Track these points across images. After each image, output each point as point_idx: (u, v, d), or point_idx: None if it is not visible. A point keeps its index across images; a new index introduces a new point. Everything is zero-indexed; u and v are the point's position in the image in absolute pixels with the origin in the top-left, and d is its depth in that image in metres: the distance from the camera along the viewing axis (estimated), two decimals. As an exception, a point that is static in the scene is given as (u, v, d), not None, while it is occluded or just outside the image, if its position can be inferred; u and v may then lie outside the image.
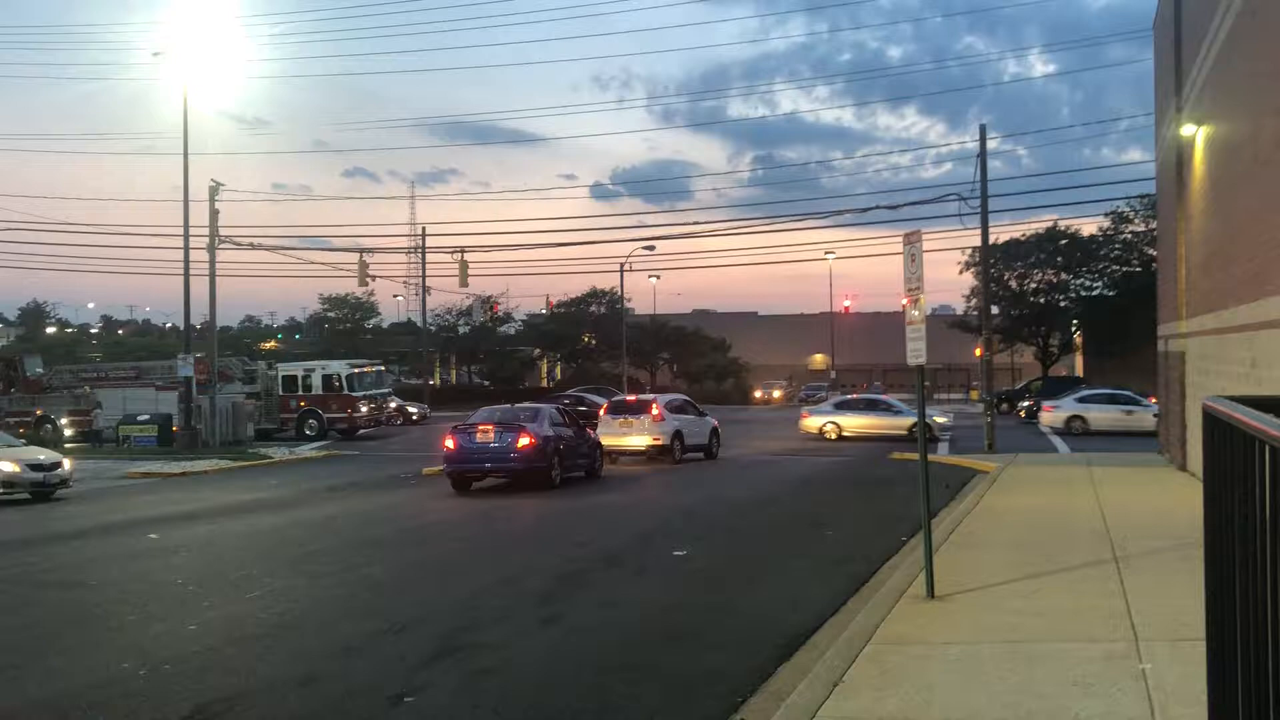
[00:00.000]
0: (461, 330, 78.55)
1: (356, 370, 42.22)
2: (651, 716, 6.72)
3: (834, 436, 35.11)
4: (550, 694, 7.23)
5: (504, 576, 11.84)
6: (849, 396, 41.58)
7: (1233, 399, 2.89)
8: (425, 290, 57.18)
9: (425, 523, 17.16)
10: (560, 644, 8.67)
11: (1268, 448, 2.32)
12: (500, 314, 77.02)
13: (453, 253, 46.82)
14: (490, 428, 21.52)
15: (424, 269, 55.38)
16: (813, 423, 36.22)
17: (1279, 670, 2.26)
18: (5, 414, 39.40)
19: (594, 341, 77.39)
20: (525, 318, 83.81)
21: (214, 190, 37.16)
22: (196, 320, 42.74)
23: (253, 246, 42.49)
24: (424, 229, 57.87)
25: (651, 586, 11.19)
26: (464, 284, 47.46)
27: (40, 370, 44.29)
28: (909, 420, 32.92)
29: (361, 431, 41.65)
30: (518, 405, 24.90)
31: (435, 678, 7.64)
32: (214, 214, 37.03)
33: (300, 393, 41.34)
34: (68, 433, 38.56)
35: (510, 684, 7.47)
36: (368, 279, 45.82)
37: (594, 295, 77.84)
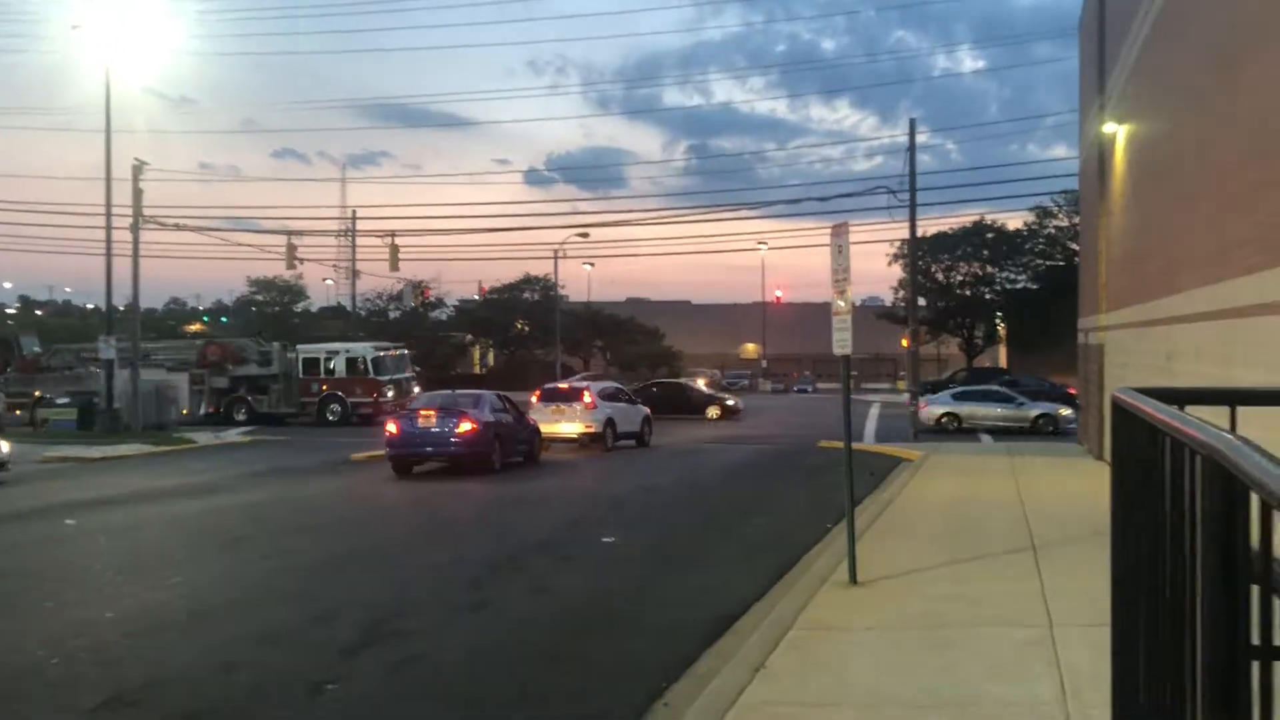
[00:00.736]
0: (392, 315, 77.54)
1: (382, 353, 40.76)
2: (577, 702, 6.75)
3: (953, 428, 33.33)
4: (477, 680, 7.22)
5: (434, 563, 11.78)
6: (968, 387, 38.81)
7: (1140, 390, 2.97)
8: (355, 274, 56.29)
9: (356, 508, 17.00)
10: (488, 631, 8.66)
11: (1168, 439, 2.40)
12: (432, 299, 76.26)
13: (383, 236, 46.29)
14: (432, 413, 21.77)
15: (354, 252, 54.56)
16: (931, 412, 34.00)
17: (1175, 654, 2.34)
18: (4, 394, 37.88)
19: (527, 328, 76.99)
20: (457, 303, 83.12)
21: (137, 169, 36.22)
22: (119, 302, 41.69)
23: (178, 227, 41.67)
24: (354, 212, 57.12)
25: (581, 573, 11.21)
26: (394, 268, 46.97)
27: (37, 349, 42.48)
28: (1033, 412, 32.67)
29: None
30: (459, 391, 24.91)
31: (360, 665, 7.58)
32: (138, 193, 36.10)
33: (322, 376, 39.74)
34: None
35: (436, 671, 7.44)
36: (296, 262, 45.07)
37: (527, 282, 77.41)
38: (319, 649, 8.00)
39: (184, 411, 39.06)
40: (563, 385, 29.47)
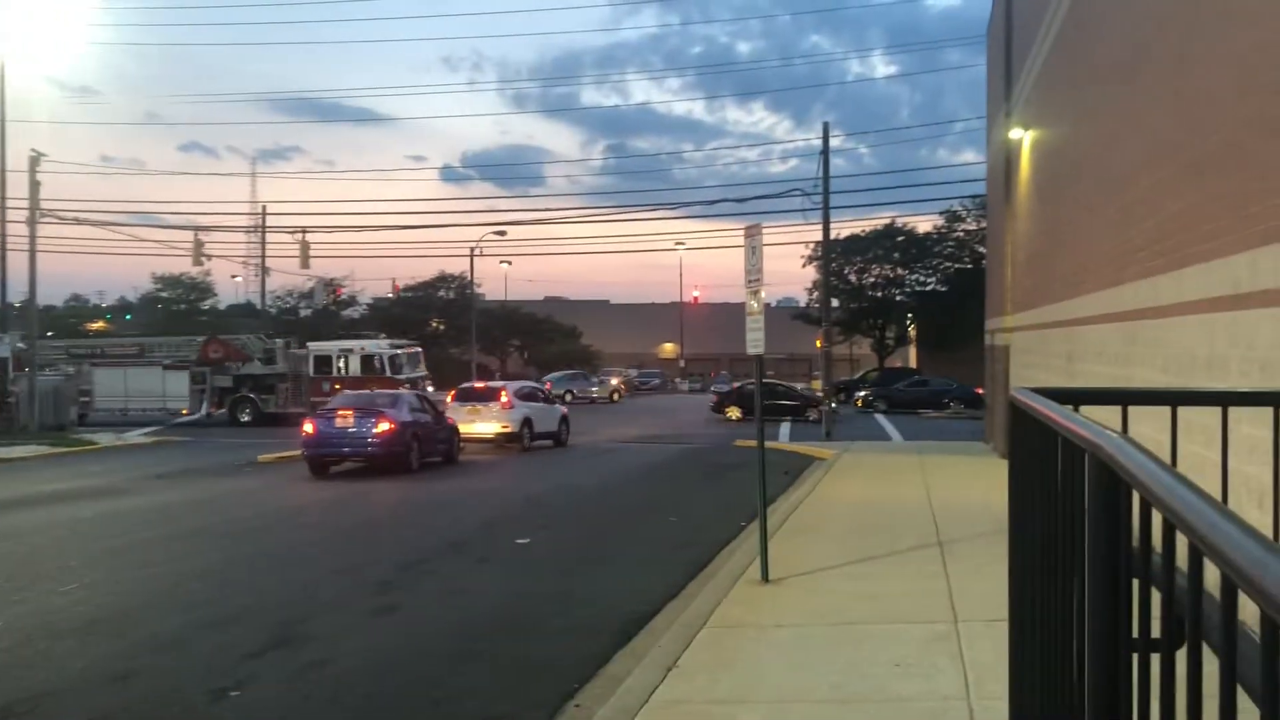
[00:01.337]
0: (303, 313, 76.17)
1: (398, 351, 39.23)
2: (487, 705, 6.69)
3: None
4: (385, 684, 7.11)
5: (343, 565, 11.58)
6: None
7: (1036, 391, 3.04)
8: (265, 271, 55.13)
9: (264, 510, 16.62)
10: (398, 634, 8.54)
11: (1060, 438, 2.45)
12: (344, 297, 75.12)
13: (295, 233, 45.47)
14: (350, 412, 21.70)
15: (264, 249, 53.38)
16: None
17: (1065, 646, 2.40)
18: None
19: (442, 327, 76.18)
20: (371, 302, 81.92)
21: (34, 160, 34.97)
22: (16, 298, 40.20)
23: (78, 221, 40.29)
24: (264, 208, 55.87)
25: (494, 574, 11.12)
26: (305, 265, 46.23)
27: (21, 346, 40.60)
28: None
29: None
30: (377, 391, 24.69)
31: (263, 670, 7.42)
32: (35, 185, 34.86)
33: (335, 374, 38.03)
34: None
35: (343, 675, 7.31)
36: (204, 258, 43.99)
37: (443, 280, 76.66)
38: (221, 654, 7.80)
39: (184, 411, 37.47)
40: (479, 385, 29.32)
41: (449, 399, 28.28)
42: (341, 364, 38.32)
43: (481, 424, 27.04)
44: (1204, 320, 7.93)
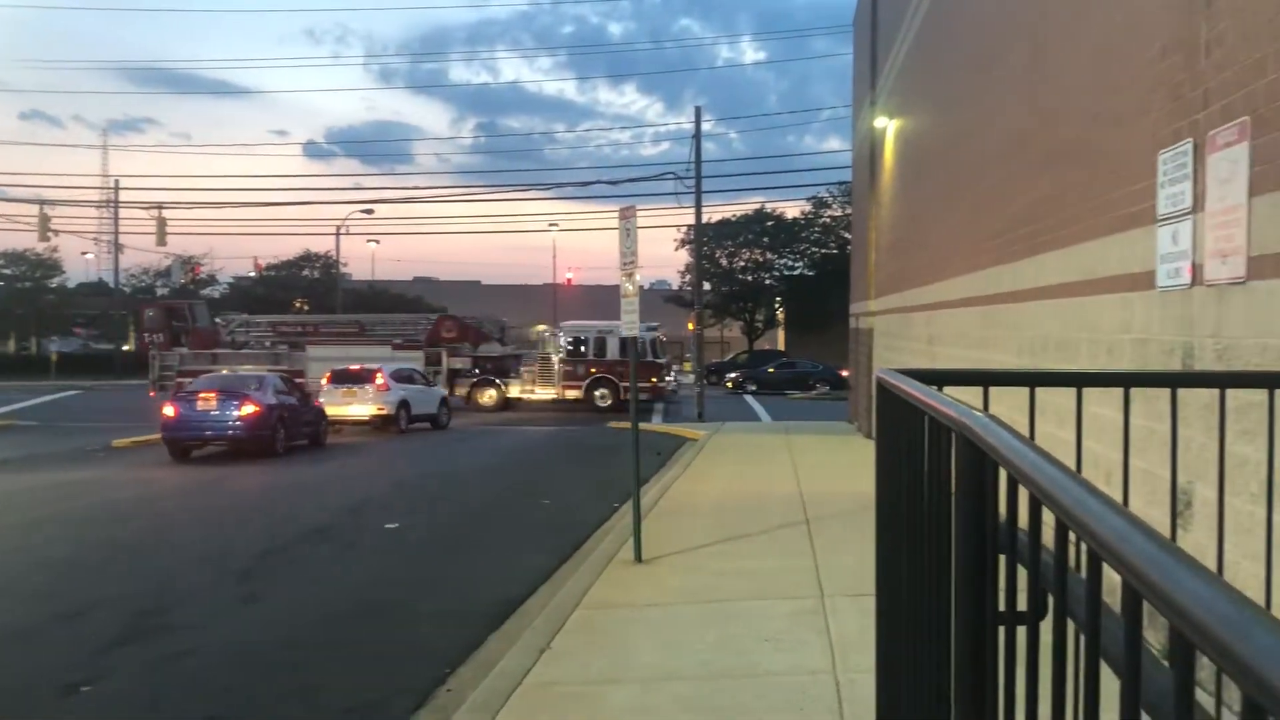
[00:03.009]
0: (160, 292, 73.10)
1: (655, 333, 36.49)
2: (359, 692, 6.55)
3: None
4: (248, 675, 6.90)
5: (203, 553, 11.18)
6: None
7: (902, 372, 3.11)
8: (118, 248, 52.78)
9: (120, 497, 15.90)
10: (261, 623, 8.30)
11: (927, 417, 2.51)
12: (203, 276, 72.37)
13: (150, 208, 43.58)
14: (213, 395, 21.09)
15: (116, 225, 51.14)
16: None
17: (933, 619, 2.47)
18: (177, 373, 32.92)
19: (306, 308, 74.21)
20: (231, 280, 79.17)
21: None
22: None
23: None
24: (117, 181, 53.44)
25: (362, 560, 10.90)
26: (162, 243, 44.42)
27: (219, 321, 37.04)
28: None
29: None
30: (241, 372, 23.99)
31: (118, 663, 7.11)
32: None
33: (590, 357, 35.51)
34: None
35: (203, 667, 7.07)
36: (50, 234, 41.78)
37: (308, 259, 74.67)
38: (72, 648, 7.45)
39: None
40: (354, 367, 28.78)
41: (325, 381, 27.76)
42: (599, 346, 35.78)
43: (357, 406, 26.72)
44: (1057, 305, 8.29)
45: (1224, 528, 3.50)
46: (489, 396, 35.93)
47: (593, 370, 35.83)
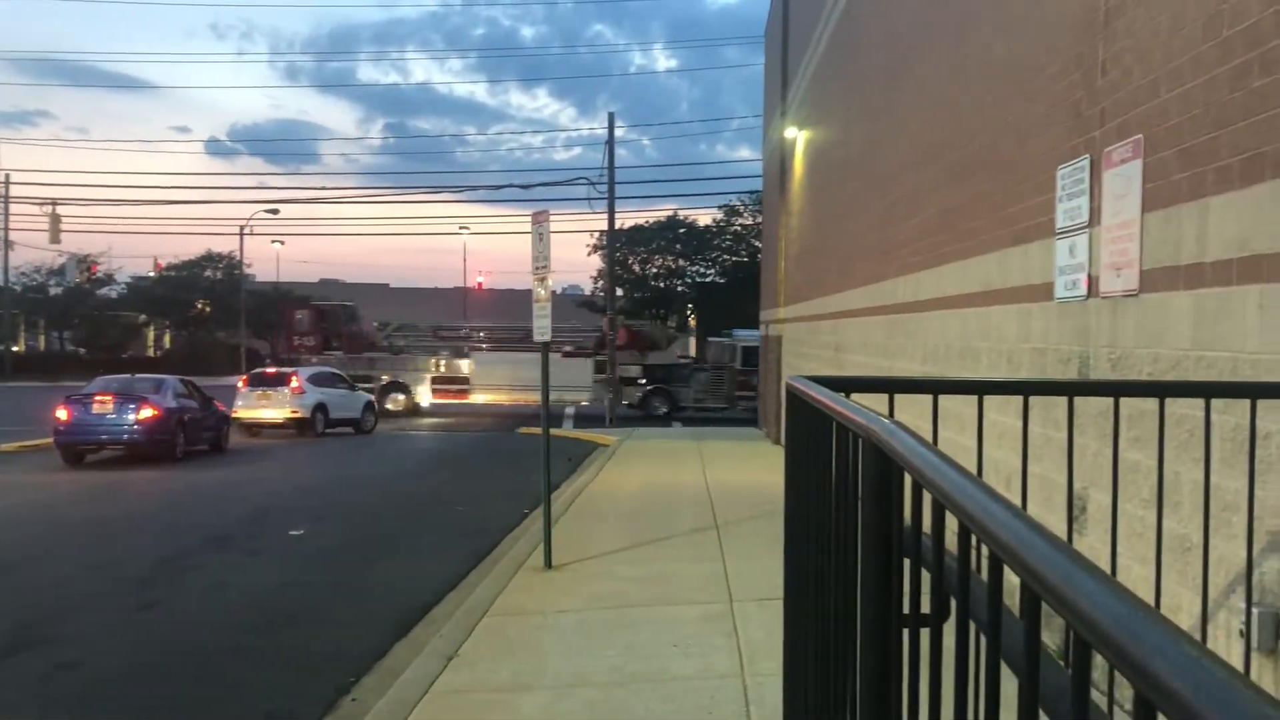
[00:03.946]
0: (53, 292, 70.58)
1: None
2: (259, 702, 6.40)
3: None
4: (145, 686, 6.69)
5: (97, 561, 10.80)
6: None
7: (811, 378, 3.16)
8: (8, 245, 50.80)
9: (6, 503, 15.28)
10: (160, 632, 8.05)
11: (834, 423, 2.55)
12: (100, 275, 70.09)
13: (43, 205, 42.04)
14: (109, 398, 20.49)
15: (6, 221, 49.24)
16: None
17: (839, 622, 2.50)
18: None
19: (209, 309, 72.37)
20: (130, 280, 76.79)
21: None
22: None
23: None
24: (7, 176, 51.43)
25: (265, 568, 10.65)
26: (55, 240, 42.90)
27: (375, 324, 35.30)
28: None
29: None
30: (139, 375, 23.36)
31: (5, 676, 6.83)
32: None
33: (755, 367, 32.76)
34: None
35: (96, 678, 6.83)
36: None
37: (210, 259, 72.72)
38: (-45, 662, 7.14)
39: (580, 401, 33.17)
40: (270, 370, 28.19)
41: (241, 384, 27.24)
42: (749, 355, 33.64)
43: (271, 409, 26.21)
44: (959, 314, 8.50)
45: (1117, 532, 3.63)
46: (658, 405, 34.86)
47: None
